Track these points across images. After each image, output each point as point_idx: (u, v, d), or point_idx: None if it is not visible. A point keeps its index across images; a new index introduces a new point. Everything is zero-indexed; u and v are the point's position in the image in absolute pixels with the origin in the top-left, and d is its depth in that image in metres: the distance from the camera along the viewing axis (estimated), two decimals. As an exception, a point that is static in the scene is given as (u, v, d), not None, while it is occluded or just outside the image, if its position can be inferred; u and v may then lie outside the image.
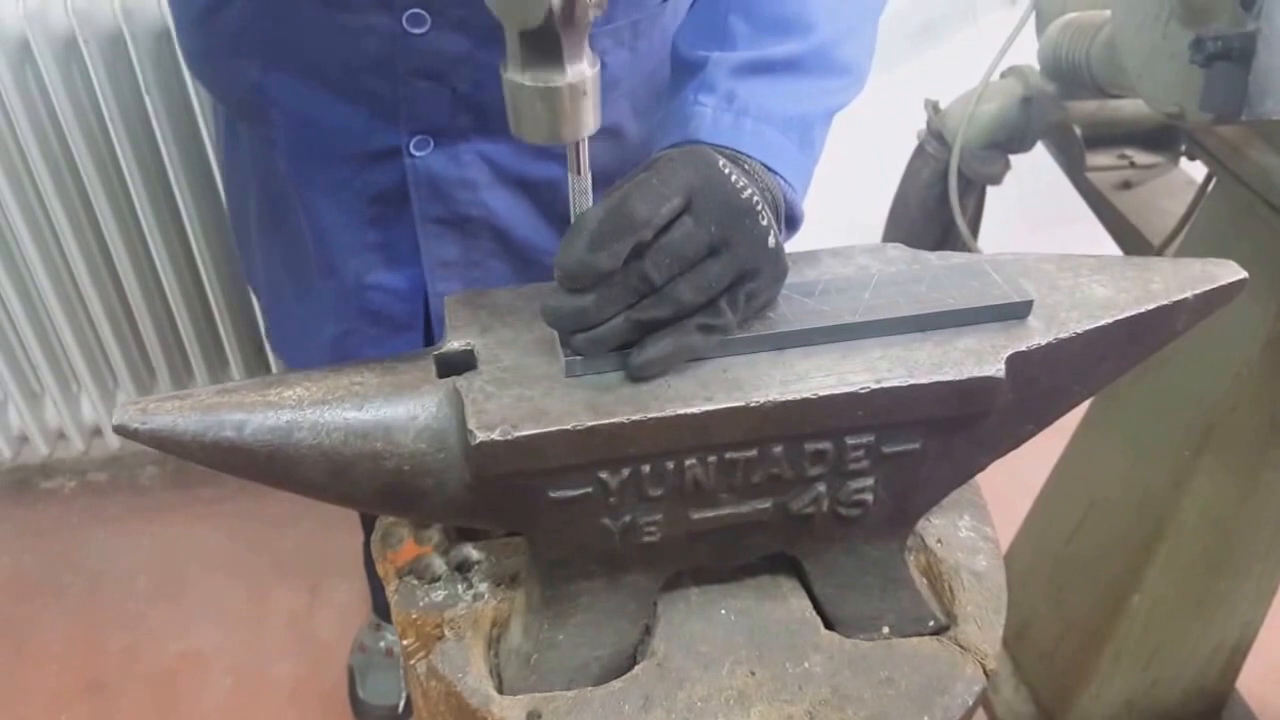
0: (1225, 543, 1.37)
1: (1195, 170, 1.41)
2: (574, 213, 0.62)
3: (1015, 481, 1.50)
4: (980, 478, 0.74)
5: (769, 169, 0.70)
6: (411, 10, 0.87)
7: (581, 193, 0.62)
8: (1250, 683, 1.57)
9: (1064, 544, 1.53)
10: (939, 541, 0.74)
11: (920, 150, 1.55)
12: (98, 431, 2.03)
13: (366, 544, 1.69)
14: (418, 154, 0.96)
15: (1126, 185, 1.53)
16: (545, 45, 0.56)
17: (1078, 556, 1.51)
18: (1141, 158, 1.56)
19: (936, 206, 1.53)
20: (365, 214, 1.02)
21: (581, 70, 0.58)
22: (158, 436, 0.56)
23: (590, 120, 0.60)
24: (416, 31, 0.88)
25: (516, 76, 0.58)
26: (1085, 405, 1.48)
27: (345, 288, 1.06)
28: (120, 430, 0.56)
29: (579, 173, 0.61)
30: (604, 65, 0.95)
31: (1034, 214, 1.87)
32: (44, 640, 1.90)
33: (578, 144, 0.60)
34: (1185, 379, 1.31)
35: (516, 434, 0.56)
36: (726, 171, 0.62)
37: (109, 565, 2.04)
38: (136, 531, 2.11)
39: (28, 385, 1.94)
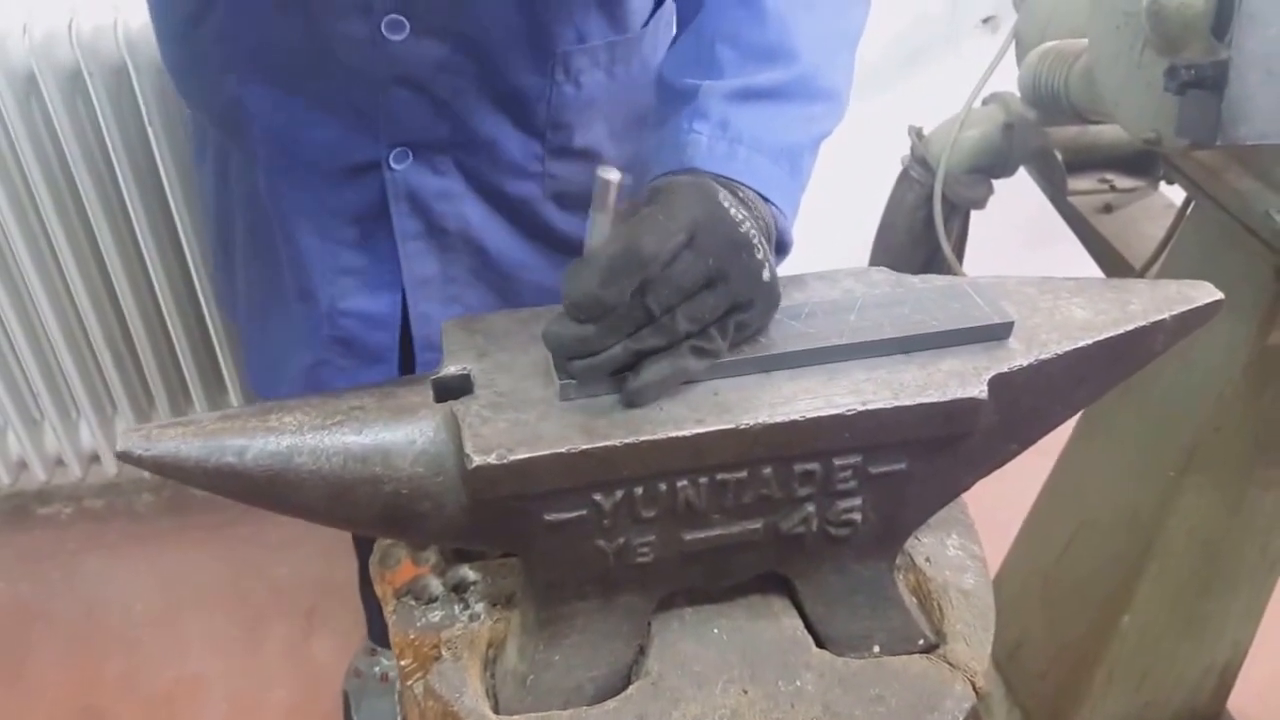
0: (1213, 563, 1.38)
1: (1175, 194, 1.43)
2: (589, 244, 0.63)
3: (1006, 501, 1.51)
4: (970, 498, 0.76)
5: (762, 197, 0.72)
6: (390, 16, 0.87)
7: (601, 227, 0.63)
8: (1241, 704, 1.58)
9: (1054, 564, 1.54)
10: (928, 560, 0.76)
11: (905, 175, 1.57)
12: (96, 458, 2.03)
13: (361, 570, 1.70)
14: (397, 167, 0.97)
15: (1108, 209, 1.55)
16: None
17: (1068, 577, 1.52)
18: (1122, 182, 1.57)
19: (922, 230, 1.55)
20: (344, 236, 1.02)
21: None
22: (160, 462, 0.57)
23: None
24: (395, 38, 0.88)
25: None
26: (1072, 425, 1.50)
27: (319, 313, 1.07)
28: (124, 457, 0.57)
29: (604, 208, 0.63)
30: (580, 86, 0.98)
31: (1018, 237, 1.89)
32: (40, 666, 1.90)
33: (608, 184, 0.62)
34: (1169, 399, 1.32)
35: (512, 458, 0.58)
36: (727, 205, 0.64)
37: (105, 591, 2.04)
38: (133, 558, 2.11)
39: (28, 412, 1.95)
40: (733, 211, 0.64)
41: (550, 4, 0.92)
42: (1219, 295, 0.71)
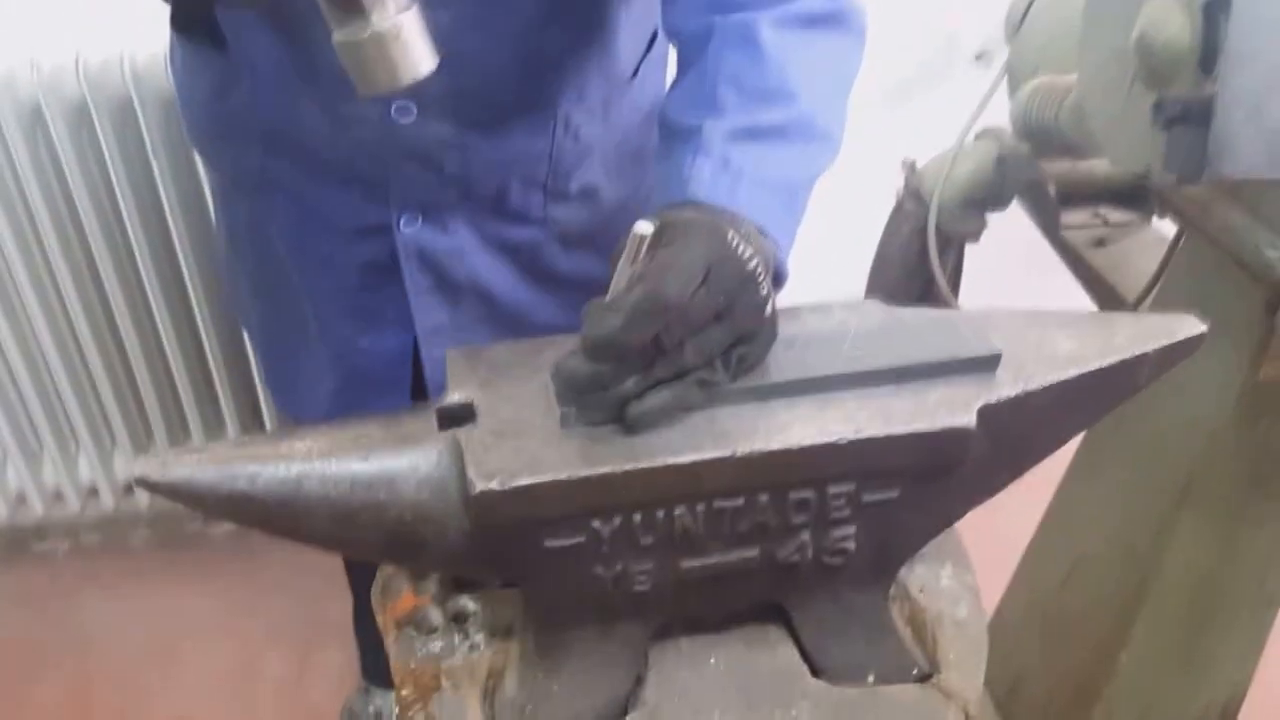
0: (1210, 598, 1.37)
1: (1168, 228, 1.44)
2: (613, 289, 0.64)
3: (1003, 537, 1.52)
4: (968, 534, 0.77)
5: (763, 232, 0.74)
6: (399, 102, 0.93)
7: (625, 278, 0.64)
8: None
9: (1052, 600, 1.53)
10: (921, 590, 0.77)
11: (899, 208, 1.59)
12: (94, 492, 2.04)
13: (356, 608, 1.71)
14: (406, 229, 1.02)
15: (1101, 243, 1.56)
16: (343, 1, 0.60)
17: (1066, 612, 1.51)
18: (1115, 216, 1.58)
19: (916, 262, 1.57)
20: (357, 282, 1.06)
21: (390, 14, 0.61)
22: (176, 488, 0.59)
23: (421, 58, 0.63)
24: (404, 121, 0.94)
25: (339, 36, 0.62)
26: (1068, 458, 1.50)
27: (337, 350, 1.11)
28: (141, 482, 0.58)
29: (633, 261, 0.64)
30: (579, 138, 1.03)
31: (1015, 268, 1.90)
32: (35, 703, 1.90)
33: (642, 239, 0.63)
34: (1163, 433, 1.32)
35: (514, 483, 0.59)
36: (736, 243, 0.65)
37: (101, 628, 2.04)
38: (129, 595, 2.11)
39: (28, 444, 1.96)
40: (742, 249, 0.65)
41: (552, 73, 0.97)
42: (1202, 328, 0.72)
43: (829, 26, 0.83)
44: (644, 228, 0.64)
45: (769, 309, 0.66)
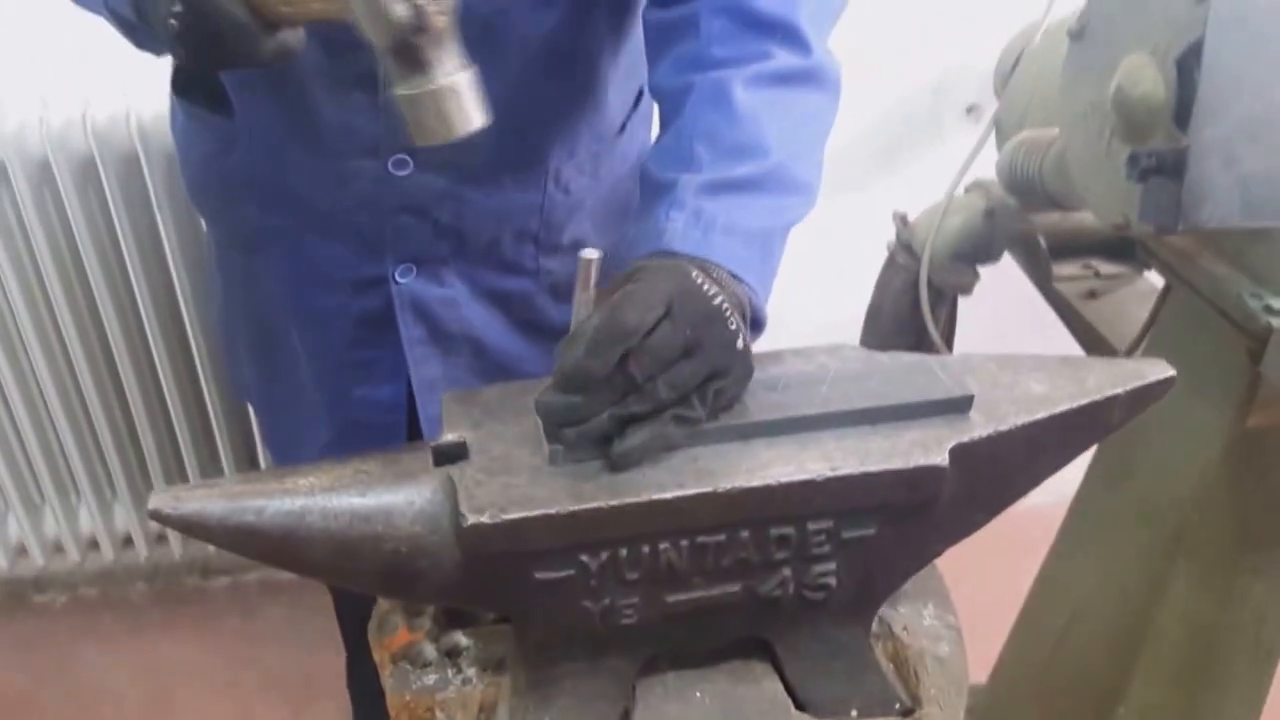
0: (1207, 652, 1.37)
1: (1159, 279, 1.46)
2: (574, 320, 0.68)
3: (1002, 592, 1.53)
4: (967, 591, 0.78)
5: (735, 277, 0.76)
6: (396, 155, 0.96)
7: (584, 304, 0.68)
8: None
9: (1049, 656, 1.52)
10: (904, 629, 0.78)
11: (891, 261, 1.61)
12: (94, 544, 2.05)
13: (349, 662, 1.71)
14: (401, 280, 1.04)
15: (1093, 294, 1.57)
16: (412, 56, 0.64)
17: (1064, 667, 1.50)
18: (1106, 268, 1.60)
19: (908, 314, 1.59)
20: (352, 335, 1.09)
21: (451, 71, 0.66)
22: (187, 520, 0.62)
23: (474, 115, 0.67)
24: (400, 174, 0.97)
25: (400, 90, 0.66)
26: (1062, 511, 1.51)
27: (332, 401, 1.13)
28: (155, 515, 0.62)
29: (586, 287, 0.68)
30: (569, 192, 1.06)
31: (1010, 320, 1.92)
32: (32, 754, 1.90)
33: (589, 263, 0.68)
34: (1153, 484, 1.33)
35: (504, 517, 0.62)
36: (699, 280, 0.69)
37: (98, 681, 2.04)
38: (125, 648, 2.11)
39: (29, 496, 1.98)
40: (705, 286, 0.69)
41: (543, 130, 1.01)
42: (1171, 372, 0.75)
43: (803, 83, 0.86)
44: (590, 253, 0.69)
45: (739, 343, 0.69)
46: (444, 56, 0.66)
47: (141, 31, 0.81)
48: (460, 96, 0.66)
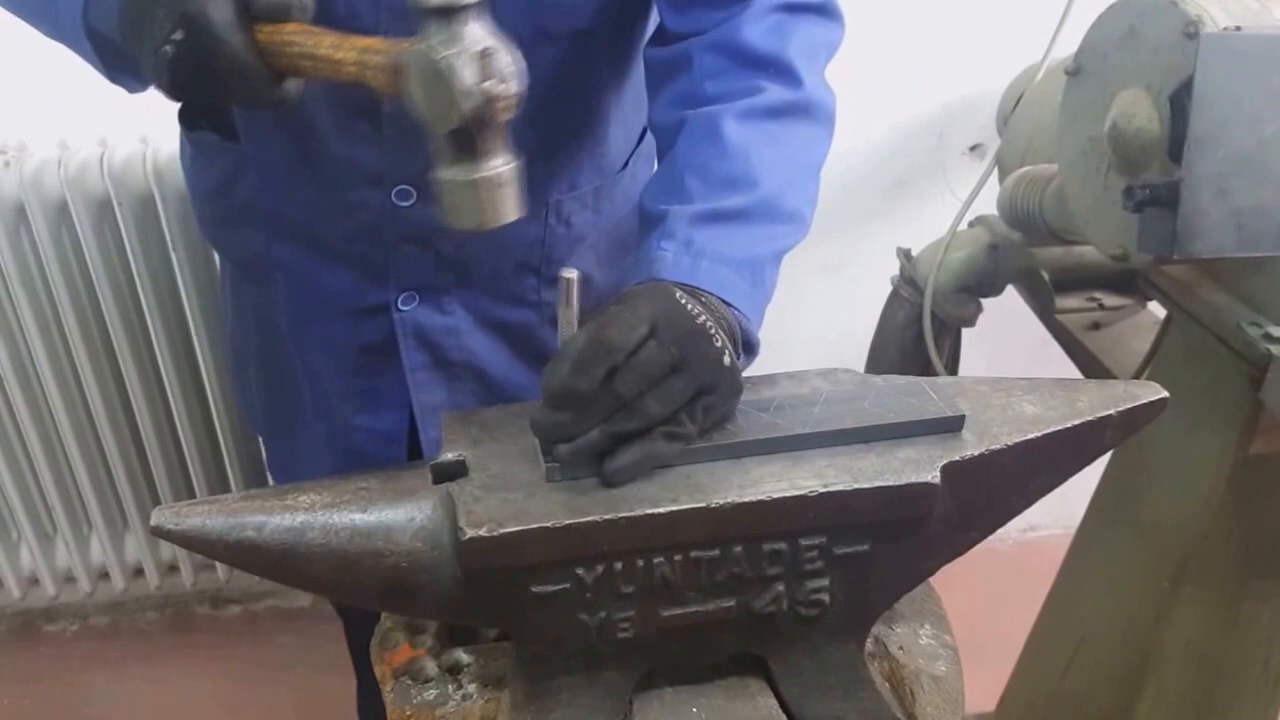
0: (1213, 678, 1.37)
1: (1162, 310, 1.47)
2: (560, 339, 0.70)
3: (1009, 621, 1.53)
4: (974, 620, 0.79)
5: (725, 302, 0.78)
6: (399, 186, 0.98)
7: (568, 323, 0.71)
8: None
9: (1057, 683, 1.52)
10: (901, 649, 0.79)
11: (895, 295, 1.63)
12: (104, 574, 2.06)
13: (360, 690, 1.72)
14: (404, 308, 1.06)
15: (1096, 326, 1.59)
16: (467, 143, 0.65)
17: (1071, 694, 1.50)
18: (1110, 300, 1.61)
19: (913, 347, 1.60)
20: (355, 363, 1.10)
21: (500, 163, 0.66)
22: (188, 536, 0.63)
23: (512, 207, 0.67)
24: (404, 205, 0.99)
25: (446, 173, 0.66)
26: (1068, 540, 1.51)
27: (334, 429, 1.14)
28: (157, 531, 0.63)
29: (568, 305, 0.70)
30: (570, 225, 1.08)
31: (1016, 352, 1.93)
32: (41, 784, 1.90)
33: (569, 282, 0.70)
34: (1159, 512, 1.33)
35: (502, 531, 0.63)
36: (683, 301, 0.71)
37: (108, 710, 2.04)
38: (136, 676, 2.12)
39: (42, 527, 2.00)
40: (689, 306, 0.71)
41: (543, 164, 1.02)
42: (1164, 394, 0.76)
43: (794, 115, 0.88)
44: (569, 272, 0.70)
45: (726, 360, 0.71)
46: (498, 147, 0.66)
47: (120, 57, 0.80)
48: (503, 189, 0.66)
